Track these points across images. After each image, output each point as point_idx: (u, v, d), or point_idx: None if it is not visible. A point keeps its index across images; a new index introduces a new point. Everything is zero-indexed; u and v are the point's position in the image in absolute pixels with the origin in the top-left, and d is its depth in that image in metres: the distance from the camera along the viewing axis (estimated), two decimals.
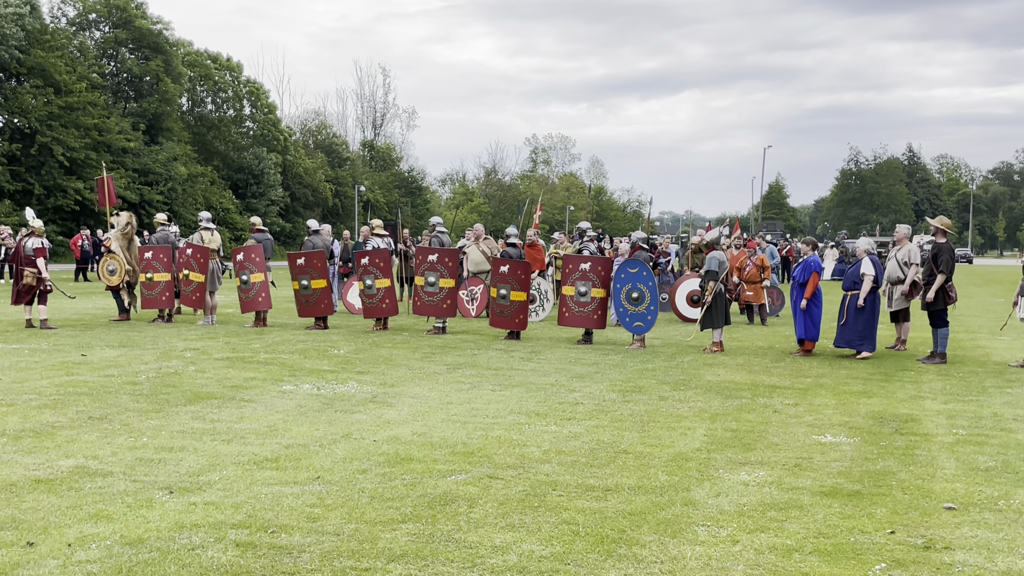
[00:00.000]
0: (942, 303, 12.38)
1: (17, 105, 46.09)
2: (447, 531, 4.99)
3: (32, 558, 4.47)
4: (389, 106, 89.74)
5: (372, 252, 15.61)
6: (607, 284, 14.12)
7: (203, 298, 15.97)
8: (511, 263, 14.67)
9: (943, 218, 12.90)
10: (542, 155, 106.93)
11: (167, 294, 16.23)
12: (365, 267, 15.27)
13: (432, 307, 14.95)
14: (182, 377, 10.04)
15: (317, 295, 15.46)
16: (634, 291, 13.76)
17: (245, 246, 16.25)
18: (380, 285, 15.16)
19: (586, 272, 14.14)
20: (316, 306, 15.48)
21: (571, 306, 14.21)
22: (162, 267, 16.15)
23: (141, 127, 53.47)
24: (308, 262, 15.52)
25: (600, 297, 14.09)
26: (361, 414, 8.18)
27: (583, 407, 8.74)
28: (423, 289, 14.98)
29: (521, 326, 14.63)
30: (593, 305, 14.08)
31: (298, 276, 15.53)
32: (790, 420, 8.30)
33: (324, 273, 15.50)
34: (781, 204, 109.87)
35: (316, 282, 15.43)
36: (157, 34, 54.92)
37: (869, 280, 12.48)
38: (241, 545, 4.69)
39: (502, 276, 14.57)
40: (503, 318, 14.63)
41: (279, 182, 64.26)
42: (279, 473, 6.10)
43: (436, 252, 15.10)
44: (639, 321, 13.85)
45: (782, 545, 4.88)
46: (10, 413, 7.86)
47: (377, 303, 15.24)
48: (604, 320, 14.29)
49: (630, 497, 5.69)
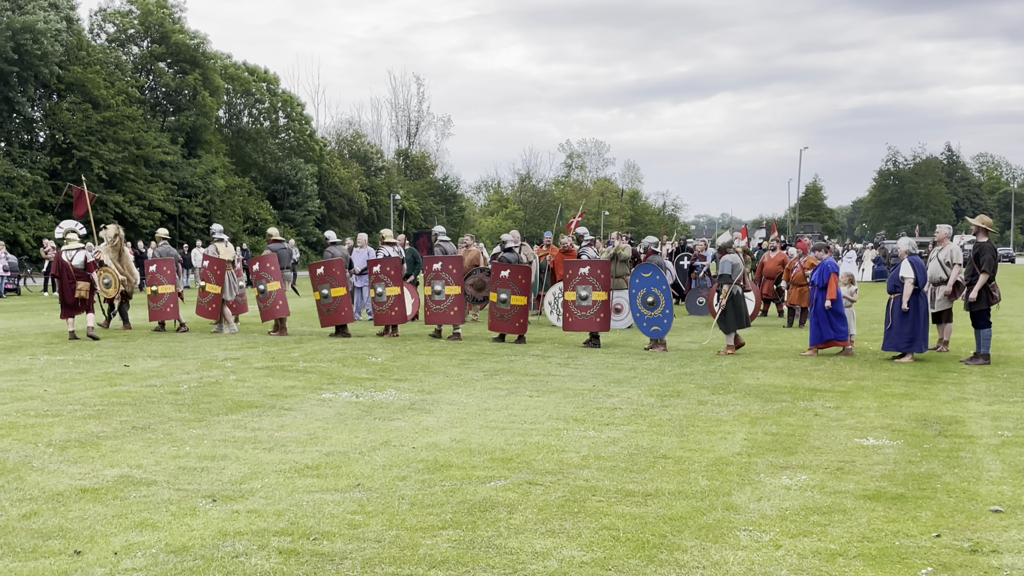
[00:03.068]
0: (984, 303, 12.23)
1: (57, 120, 46.83)
2: (487, 537, 5.00)
3: (79, 566, 4.53)
4: (423, 115, 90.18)
5: (384, 260, 15.84)
6: (607, 287, 14.32)
7: (219, 309, 16.24)
8: (512, 268, 14.90)
9: (984, 217, 12.81)
10: (576, 160, 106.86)
11: (171, 305, 16.59)
12: (377, 275, 15.51)
13: (440, 315, 15.15)
14: (223, 386, 10.14)
15: (337, 303, 15.67)
16: (649, 295, 13.87)
17: (261, 256, 16.53)
18: (390, 293, 15.38)
19: (586, 276, 14.33)
20: (337, 314, 15.70)
21: (574, 311, 14.43)
22: (166, 279, 16.59)
23: (179, 140, 54.09)
24: (327, 271, 15.75)
25: (602, 300, 14.24)
26: (400, 421, 8.22)
27: (621, 412, 8.72)
28: (431, 298, 15.20)
29: (521, 330, 14.78)
30: (595, 308, 14.25)
31: (319, 286, 15.80)
32: (831, 423, 8.22)
33: (343, 282, 15.74)
34: (818, 206, 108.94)
35: (336, 290, 15.65)
36: (195, 48, 55.55)
37: (910, 283, 12.38)
38: (284, 552, 4.73)
39: (502, 281, 14.77)
40: (503, 322, 14.83)
41: (315, 192, 64.75)
42: (320, 480, 6.13)
43: (440, 260, 15.30)
44: (656, 325, 13.93)
45: (826, 550, 4.83)
46: (56, 423, 7.98)
47: (387, 311, 15.46)
48: (608, 322, 14.41)
49: (670, 502, 5.67)
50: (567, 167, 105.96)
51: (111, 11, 55.17)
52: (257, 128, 65.01)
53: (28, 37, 43.05)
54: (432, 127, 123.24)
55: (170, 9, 55.41)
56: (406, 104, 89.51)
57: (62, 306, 15.15)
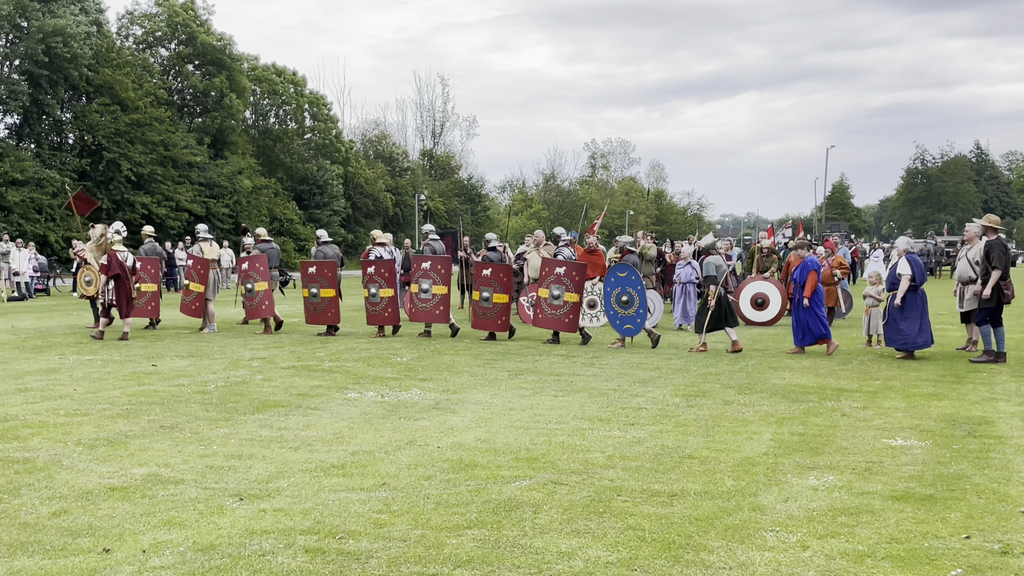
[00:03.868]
0: (995, 301, 12.23)
1: (86, 122, 47.32)
2: (512, 537, 5.00)
3: (108, 564, 4.57)
4: (448, 115, 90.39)
5: (378, 262, 15.90)
6: (580, 288, 14.53)
7: (202, 308, 16.44)
8: (493, 266, 15.17)
9: (991, 215, 12.87)
10: (601, 160, 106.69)
11: (153, 304, 16.91)
12: (371, 276, 15.65)
13: (426, 313, 15.36)
14: (250, 386, 10.20)
15: (325, 304, 15.88)
16: (623, 295, 14.15)
17: (251, 256, 16.68)
18: (384, 294, 15.54)
19: (560, 276, 14.57)
20: (324, 314, 15.91)
21: (544, 308, 14.69)
22: (149, 278, 16.80)
23: (206, 141, 54.51)
24: (319, 271, 15.93)
25: (573, 301, 14.50)
26: (425, 421, 8.23)
27: (646, 412, 8.69)
28: (417, 296, 15.42)
29: (503, 328, 15.01)
30: (565, 308, 14.51)
31: (308, 284, 15.97)
32: (859, 423, 8.16)
33: (334, 283, 15.90)
34: (845, 204, 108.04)
35: (325, 291, 15.87)
36: (221, 50, 55.95)
37: (906, 280, 12.55)
38: (310, 551, 4.75)
39: (484, 279, 15.06)
40: (485, 320, 15.06)
41: (341, 193, 65.04)
42: (345, 480, 6.16)
43: (429, 259, 15.54)
44: (629, 324, 14.20)
45: (854, 551, 4.79)
46: (85, 423, 8.06)
47: (380, 311, 15.62)
48: (576, 324, 14.60)
49: (696, 502, 5.64)
50: (591, 167, 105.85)
51: (138, 14, 55.69)
52: (284, 129, 65.35)
53: (59, 40, 43.52)
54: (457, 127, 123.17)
55: (196, 11, 55.84)
56: (431, 104, 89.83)
57: (121, 306, 15.11)
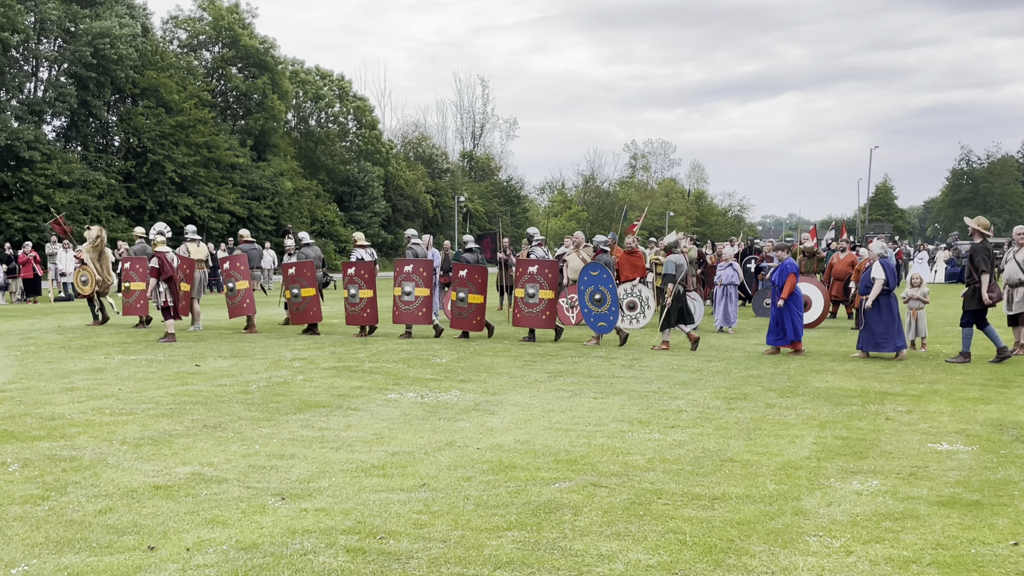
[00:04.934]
0: (978, 303, 12.39)
1: (132, 125, 47.99)
2: (552, 539, 4.99)
3: (153, 562, 4.63)
4: (488, 116, 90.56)
5: (358, 264, 16.28)
6: (554, 286, 15.01)
7: (188, 306, 16.66)
8: (469, 268, 15.56)
9: (981, 218, 12.90)
10: (641, 161, 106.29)
11: (142, 302, 17.34)
12: (351, 277, 16.00)
13: (409, 315, 15.65)
14: (291, 386, 10.28)
15: (307, 303, 16.35)
16: (596, 293, 14.59)
17: (231, 256, 17.26)
18: (363, 295, 15.89)
19: (534, 275, 15.00)
20: (306, 313, 16.35)
21: (522, 307, 15.09)
22: (138, 277, 17.29)
23: (248, 143, 55.06)
24: (299, 271, 16.39)
25: (548, 298, 14.93)
26: (464, 422, 8.25)
27: (687, 414, 8.64)
28: (400, 299, 15.71)
29: (478, 328, 15.41)
30: (541, 306, 14.95)
31: (290, 285, 16.48)
32: (903, 427, 8.05)
33: (313, 282, 16.37)
34: (889, 206, 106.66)
35: (306, 291, 16.33)
36: (264, 52, 56.50)
37: (879, 283, 12.77)
38: (351, 551, 4.78)
39: (460, 280, 15.45)
40: (461, 320, 15.46)
41: (381, 194, 65.39)
42: (386, 480, 6.19)
43: (411, 263, 15.82)
44: (602, 321, 14.61)
45: (899, 556, 4.73)
46: (130, 422, 8.17)
47: (359, 312, 15.95)
48: (553, 320, 14.99)
49: (738, 506, 5.60)
50: (631, 168, 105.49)
51: (183, 18, 56.41)
52: (325, 132, 65.85)
53: (106, 42, 44.22)
54: (497, 129, 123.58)
55: (240, 15, 56.44)
56: (471, 106, 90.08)
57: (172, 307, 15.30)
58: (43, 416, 8.37)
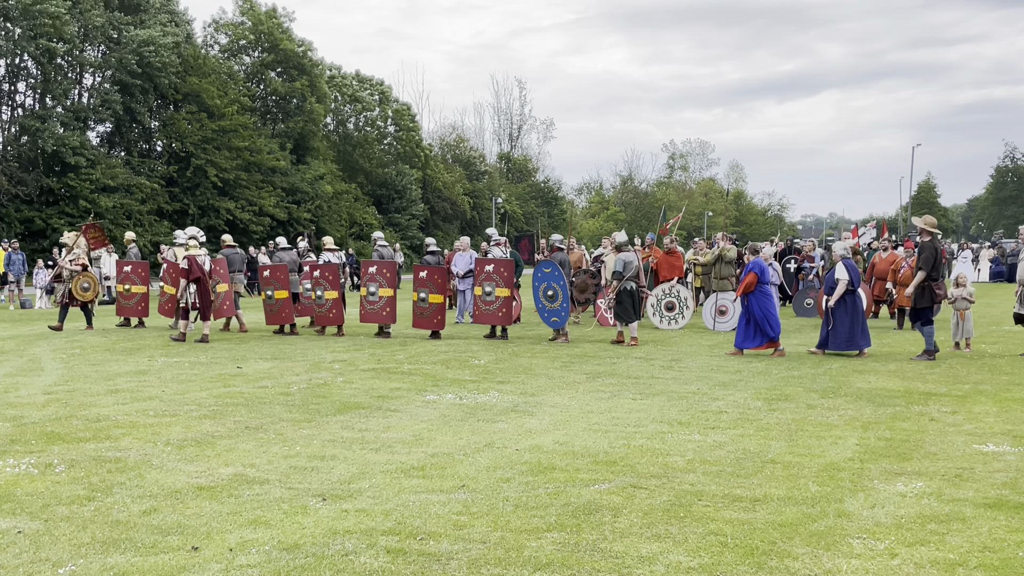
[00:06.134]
0: (928, 301, 12.62)
1: (174, 130, 48.59)
2: (592, 540, 4.97)
3: (197, 562, 4.68)
4: (525, 118, 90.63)
5: (323, 266, 16.79)
6: (510, 284, 15.46)
7: (174, 308, 17.24)
8: (429, 269, 16.14)
9: (928, 217, 13.06)
10: (679, 161, 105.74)
11: (143, 304, 18.41)
12: (316, 279, 16.53)
13: (374, 315, 16.15)
14: (331, 388, 10.35)
15: (280, 304, 17.06)
16: (549, 289, 15.19)
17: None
18: (328, 296, 16.44)
19: (490, 274, 15.50)
20: (279, 314, 17.09)
21: (480, 305, 15.64)
22: (140, 280, 18.47)
23: (288, 146, 55.50)
24: (272, 274, 17.22)
25: (504, 296, 15.40)
26: (503, 423, 8.25)
27: (727, 416, 8.58)
28: (366, 299, 16.24)
29: (439, 326, 15.84)
30: (498, 303, 15.43)
31: (264, 287, 17.36)
32: (948, 428, 7.93)
33: (286, 285, 17.01)
34: (932, 204, 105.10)
35: (279, 292, 17.06)
36: (302, 56, 56.94)
37: (843, 284, 12.97)
38: (392, 552, 4.80)
39: (421, 281, 15.95)
40: (423, 319, 15.93)
41: (419, 197, 65.64)
42: (425, 481, 6.20)
43: (375, 264, 16.40)
44: (555, 316, 15.21)
45: (944, 559, 4.66)
46: (173, 423, 8.27)
47: (325, 312, 16.51)
48: (509, 316, 15.53)
49: (780, 508, 5.55)
50: (669, 168, 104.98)
51: (224, 22, 57.01)
52: (364, 135, 66.24)
53: (151, 50, 44.85)
54: (534, 130, 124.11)
55: (279, 19, 56.93)
56: (508, 108, 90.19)
57: (203, 309, 15.63)
58: (89, 418, 8.50)
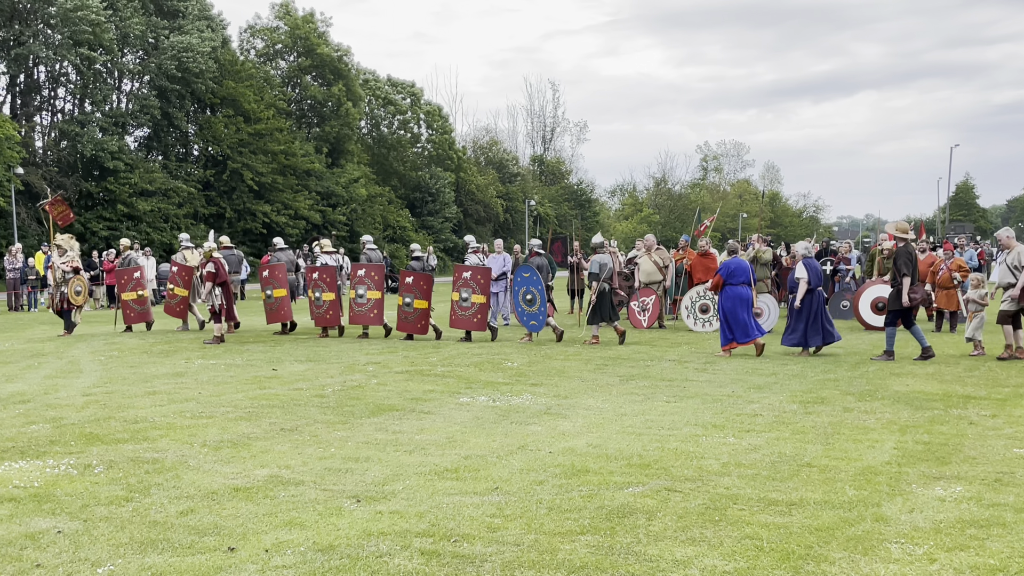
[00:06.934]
0: (900, 304, 12.70)
1: (211, 134, 49.11)
2: (626, 544, 4.96)
3: (233, 563, 4.72)
4: (558, 120, 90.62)
5: (321, 268, 17.19)
6: (486, 291, 15.76)
7: (186, 310, 18.22)
8: (415, 275, 16.31)
9: (900, 223, 13.32)
10: (713, 163, 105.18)
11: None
12: (315, 281, 16.91)
13: (362, 316, 16.52)
14: (365, 390, 10.40)
15: (279, 303, 17.57)
16: (528, 293, 15.55)
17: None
18: (326, 298, 16.79)
19: (468, 280, 15.80)
20: (278, 312, 17.57)
21: (456, 311, 15.90)
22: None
23: (324, 150, 55.89)
24: (271, 274, 17.71)
25: (480, 303, 15.69)
26: (536, 426, 8.25)
27: (762, 419, 8.51)
28: (355, 301, 16.62)
29: (423, 331, 16.14)
30: (473, 309, 15.74)
31: (264, 287, 17.80)
32: (988, 432, 7.82)
33: (284, 284, 17.68)
34: (970, 205, 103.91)
35: (278, 291, 17.59)
36: (338, 60, 57.31)
37: (804, 283, 13.32)
38: (426, 553, 4.81)
39: (407, 287, 16.18)
40: (407, 323, 16.21)
41: (453, 199, 65.80)
42: (459, 483, 6.21)
43: (364, 267, 16.83)
44: (533, 320, 15.60)
45: (984, 565, 4.59)
46: (210, 425, 8.35)
47: (323, 313, 16.85)
48: (484, 323, 15.75)
49: (816, 512, 5.50)
50: (703, 169, 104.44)
51: (260, 27, 57.51)
52: (397, 138, 66.53)
53: (189, 56, 45.36)
54: (567, 132, 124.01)
55: (315, 24, 57.34)
56: (541, 110, 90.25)
57: (229, 312, 16.09)
58: (127, 419, 8.60)
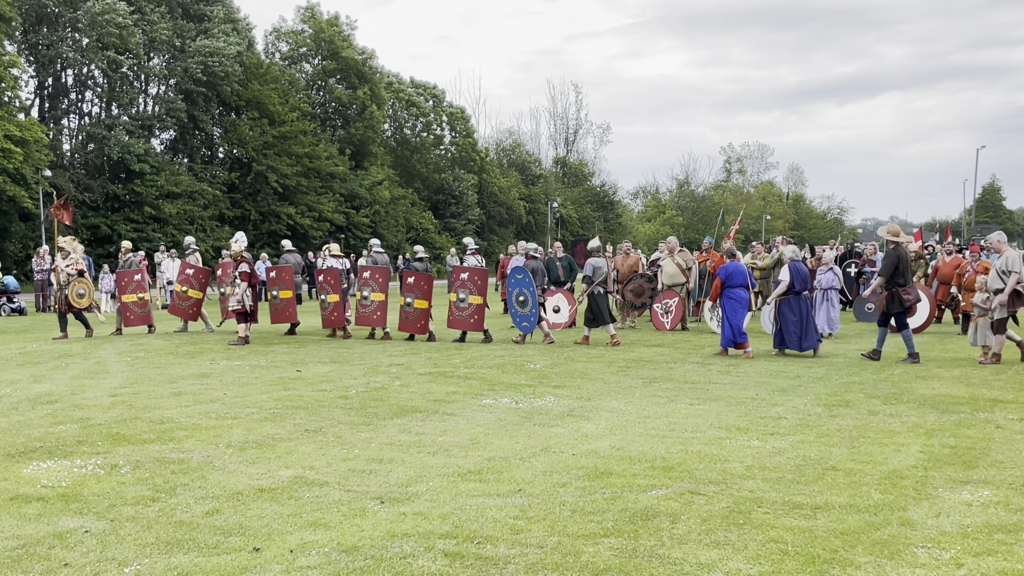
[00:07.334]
0: (898, 307, 12.83)
1: (236, 136, 49.43)
2: (650, 546, 4.95)
3: (258, 563, 4.75)
4: (581, 122, 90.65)
5: (325, 271, 17.58)
6: (483, 292, 16.00)
7: (199, 312, 18.43)
8: (416, 275, 16.66)
9: (892, 226, 13.52)
10: (736, 164, 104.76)
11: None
12: (321, 284, 17.44)
13: (366, 318, 16.88)
14: (388, 391, 10.43)
15: (284, 304, 18.00)
16: (520, 295, 15.78)
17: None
18: (331, 300, 17.25)
19: (465, 281, 16.13)
20: (283, 314, 17.99)
21: (454, 311, 16.22)
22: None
23: (347, 152, 56.11)
24: (278, 275, 18.16)
25: (476, 304, 15.94)
26: (559, 428, 8.24)
27: (786, 421, 8.47)
28: (360, 303, 17.00)
29: (423, 331, 16.44)
30: (470, 310, 16.01)
31: (270, 288, 18.33)
32: (1015, 436, 7.74)
33: (291, 285, 18.09)
34: (997, 207, 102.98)
35: (284, 293, 18.05)
36: (363, 63, 57.53)
37: (783, 286, 13.65)
38: (449, 555, 4.82)
39: (408, 287, 16.58)
40: (408, 323, 16.55)
41: (475, 202, 65.88)
42: (482, 485, 6.22)
43: (369, 269, 17.20)
44: (525, 321, 15.79)
45: (1013, 570, 4.55)
46: (235, 426, 8.40)
47: (328, 315, 17.37)
48: (481, 324, 15.97)
49: (841, 516, 5.46)
50: (726, 171, 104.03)
51: (285, 30, 57.83)
52: (421, 140, 66.70)
53: (214, 59, 45.70)
54: (590, 135, 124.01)
55: (340, 27, 57.59)
56: (564, 113, 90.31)
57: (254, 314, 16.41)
58: (153, 420, 8.67)
